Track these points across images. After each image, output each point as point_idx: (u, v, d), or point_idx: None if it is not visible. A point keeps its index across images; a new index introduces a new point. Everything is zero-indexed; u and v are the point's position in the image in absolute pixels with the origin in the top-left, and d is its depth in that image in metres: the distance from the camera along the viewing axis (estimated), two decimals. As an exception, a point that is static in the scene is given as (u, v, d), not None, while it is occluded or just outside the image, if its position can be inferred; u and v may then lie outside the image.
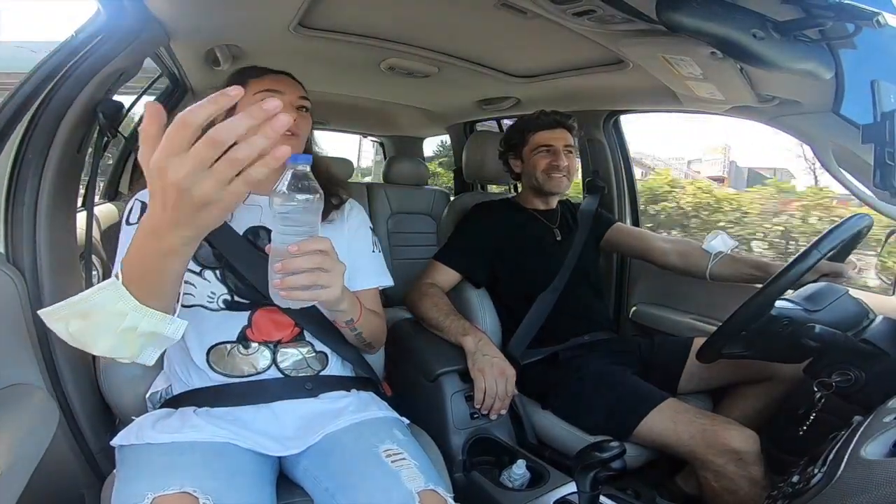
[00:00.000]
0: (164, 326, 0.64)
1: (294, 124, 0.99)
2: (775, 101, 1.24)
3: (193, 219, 0.54)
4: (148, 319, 0.63)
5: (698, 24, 0.81)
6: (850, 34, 0.86)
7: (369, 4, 1.28)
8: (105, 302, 0.61)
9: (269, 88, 0.99)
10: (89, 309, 0.61)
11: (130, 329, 0.62)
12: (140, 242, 0.59)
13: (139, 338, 0.64)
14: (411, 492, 0.78)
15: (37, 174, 1.03)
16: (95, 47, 1.06)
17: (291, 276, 0.70)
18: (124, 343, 0.64)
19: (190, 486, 0.72)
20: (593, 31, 1.14)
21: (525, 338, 1.46)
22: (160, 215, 0.54)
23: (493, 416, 1.27)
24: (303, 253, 0.69)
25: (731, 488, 1.12)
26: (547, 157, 1.58)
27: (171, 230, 0.55)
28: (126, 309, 0.61)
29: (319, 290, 0.73)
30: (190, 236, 0.57)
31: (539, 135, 1.59)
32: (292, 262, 0.70)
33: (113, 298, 0.61)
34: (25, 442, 0.86)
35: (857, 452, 0.68)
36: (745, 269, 1.46)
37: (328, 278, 0.73)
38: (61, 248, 1.08)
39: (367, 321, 0.99)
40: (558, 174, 1.57)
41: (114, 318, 0.61)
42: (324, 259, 0.72)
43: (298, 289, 0.71)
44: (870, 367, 0.97)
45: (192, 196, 0.51)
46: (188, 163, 0.49)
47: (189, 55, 1.60)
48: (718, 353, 1.12)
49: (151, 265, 0.60)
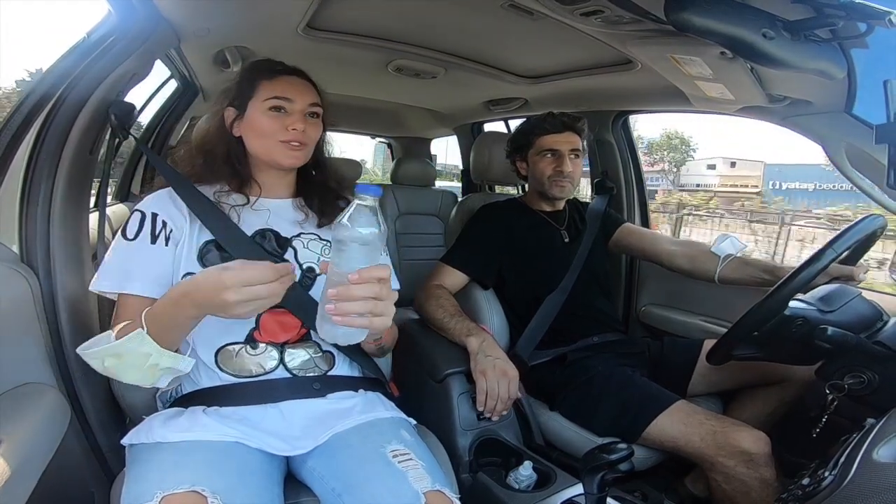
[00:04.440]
0: (178, 363, 0.84)
1: (303, 134, 0.99)
2: (786, 102, 1.23)
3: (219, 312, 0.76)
4: (167, 358, 0.81)
5: (707, 24, 0.81)
6: (862, 34, 0.85)
7: (377, 6, 1.28)
8: (134, 347, 0.79)
9: (278, 95, 0.98)
10: (121, 352, 0.80)
11: (154, 366, 0.81)
12: (168, 309, 0.80)
13: (159, 371, 0.83)
14: (418, 492, 0.78)
15: (50, 175, 1.04)
16: (107, 49, 1.07)
17: (347, 303, 0.71)
18: (148, 376, 0.83)
19: (199, 485, 0.72)
20: (601, 32, 1.14)
21: (533, 339, 1.45)
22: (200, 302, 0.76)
23: (495, 417, 1.25)
24: (362, 281, 0.70)
25: (742, 490, 1.11)
26: (552, 162, 1.56)
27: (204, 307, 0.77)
28: (150, 351, 0.80)
29: (373, 318, 0.73)
30: (214, 313, 0.77)
31: (544, 138, 1.57)
32: (350, 290, 0.70)
33: (140, 344, 0.79)
34: (37, 440, 0.87)
35: (869, 455, 0.67)
36: (754, 272, 1.44)
37: (383, 307, 0.73)
38: (74, 249, 1.10)
39: (390, 333, 1.00)
40: (562, 180, 1.56)
41: (141, 358, 0.80)
42: (381, 288, 0.72)
43: (353, 315, 0.71)
44: (883, 369, 0.95)
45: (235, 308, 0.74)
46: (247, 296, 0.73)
47: (199, 57, 1.62)
48: (729, 354, 1.11)
49: (172, 326, 0.81)
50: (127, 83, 1.18)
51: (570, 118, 1.59)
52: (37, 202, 1.03)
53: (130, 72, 1.16)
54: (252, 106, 1.00)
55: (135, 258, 0.92)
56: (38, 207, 1.03)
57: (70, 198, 1.08)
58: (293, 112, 0.99)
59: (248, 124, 1.00)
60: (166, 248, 0.94)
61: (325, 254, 1.03)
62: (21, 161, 1.02)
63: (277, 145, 0.99)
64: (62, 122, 1.05)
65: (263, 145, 1.00)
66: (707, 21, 0.80)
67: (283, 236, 1.01)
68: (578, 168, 1.60)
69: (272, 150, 0.99)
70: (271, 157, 1.00)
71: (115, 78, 1.11)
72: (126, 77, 1.15)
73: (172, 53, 1.60)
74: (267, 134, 0.98)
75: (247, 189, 1.03)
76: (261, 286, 0.73)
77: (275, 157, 1.00)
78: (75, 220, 1.12)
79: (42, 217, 1.04)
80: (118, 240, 0.94)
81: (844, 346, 0.96)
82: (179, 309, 0.78)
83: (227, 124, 1.02)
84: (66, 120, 1.06)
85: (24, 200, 1.03)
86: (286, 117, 0.99)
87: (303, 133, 0.99)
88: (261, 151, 1.01)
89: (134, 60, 1.14)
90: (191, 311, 0.78)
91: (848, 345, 0.96)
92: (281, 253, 0.99)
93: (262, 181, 1.04)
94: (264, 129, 0.98)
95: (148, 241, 0.93)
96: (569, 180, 1.57)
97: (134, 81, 1.21)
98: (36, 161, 1.03)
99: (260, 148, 1.01)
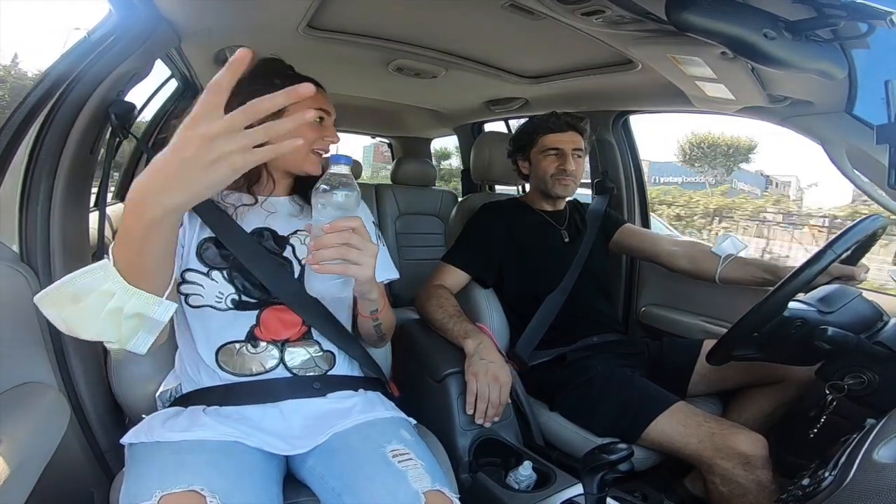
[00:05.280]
0: (150, 308, 0.66)
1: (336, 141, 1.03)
2: (787, 102, 1.23)
3: (192, 179, 0.56)
4: (135, 300, 0.64)
5: (708, 24, 0.81)
6: (862, 34, 0.85)
7: (377, 5, 1.28)
8: (95, 283, 0.63)
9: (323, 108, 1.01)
10: (79, 291, 0.63)
11: (117, 310, 0.63)
12: (126, 218, 0.60)
13: (126, 320, 0.65)
14: (417, 492, 0.78)
15: (50, 174, 1.04)
16: (107, 48, 1.07)
17: (322, 251, 0.76)
18: (111, 325, 0.65)
19: (198, 484, 0.72)
20: (602, 32, 1.14)
21: (533, 339, 1.45)
22: (154, 175, 0.57)
23: (487, 423, 1.24)
24: (334, 230, 0.76)
25: (739, 492, 1.11)
26: (555, 160, 1.57)
27: (158, 194, 0.58)
28: (114, 289, 0.63)
29: (350, 266, 0.77)
30: (176, 203, 0.58)
31: (548, 137, 1.58)
32: (322, 238, 0.76)
33: (102, 279, 0.63)
34: (36, 440, 0.87)
35: (869, 456, 0.67)
36: (755, 272, 1.45)
37: (358, 255, 0.77)
38: (74, 248, 1.10)
39: (387, 313, 1.02)
40: (565, 179, 1.57)
41: (102, 298, 0.63)
42: (353, 235, 0.77)
43: (329, 261, 0.76)
44: (883, 370, 0.95)
45: (211, 150, 0.55)
46: (224, 122, 0.55)
47: (199, 56, 1.62)
48: (729, 355, 1.11)
49: (136, 240, 0.61)
50: (127, 83, 1.18)
51: (574, 118, 1.60)
52: (37, 201, 1.03)
53: (131, 71, 1.16)
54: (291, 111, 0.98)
55: None
56: (38, 207, 1.03)
57: (70, 197, 1.08)
58: (328, 123, 1.03)
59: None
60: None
61: None
62: (21, 160, 1.02)
63: (309, 154, 1.00)
64: (63, 122, 1.05)
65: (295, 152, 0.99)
66: (708, 21, 0.80)
67: (280, 235, 1.01)
68: (581, 167, 1.61)
69: (304, 159, 1.00)
70: (301, 165, 1.00)
71: (116, 77, 1.11)
72: (126, 77, 1.15)
73: (173, 53, 1.60)
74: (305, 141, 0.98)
75: (256, 187, 1.02)
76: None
77: (304, 166, 1.00)
78: (75, 220, 1.12)
79: (42, 216, 1.04)
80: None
81: (845, 347, 0.96)
82: (131, 210, 0.60)
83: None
84: (67, 119, 1.06)
85: (25, 199, 1.03)
86: (323, 128, 1.01)
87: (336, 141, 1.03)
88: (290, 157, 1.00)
89: (134, 60, 1.14)
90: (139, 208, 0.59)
91: (848, 345, 0.95)
92: (280, 251, 1.00)
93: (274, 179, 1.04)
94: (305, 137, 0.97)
95: None
96: (572, 178, 1.58)
97: (134, 81, 1.21)
98: (36, 160, 1.03)
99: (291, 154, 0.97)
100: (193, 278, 0.93)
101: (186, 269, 0.93)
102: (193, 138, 0.55)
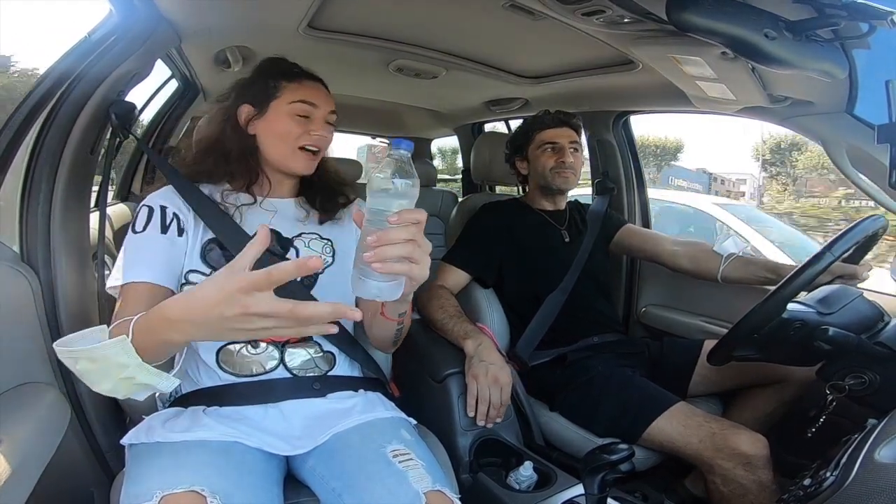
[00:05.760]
0: (158, 382, 0.71)
1: (323, 139, 1.02)
2: (787, 102, 1.22)
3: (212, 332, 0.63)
4: (145, 374, 0.69)
5: (709, 24, 0.80)
6: (863, 34, 0.84)
7: (378, 5, 1.28)
8: (113, 354, 0.67)
9: (305, 100, 1.00)
10: (98, 357, 0.68)
11: (129, 379, 0.69)
12: (153, 323, 0.67)
13: (135, 385, 0.71)
14: (418, 492, 0.78)
15: (51, 175, 1.04)
16: (108, 49, 1.07)
17: (388, 247, 0.65)
18: (122, 388, 0.71)
19: (198, 484, 0.72)
20: (602, 32, 1.13)
21: (533, 339, 1.45)
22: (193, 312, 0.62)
23: (489, 424, 1.24)
24: (402, 222, 0.65)
25: (739, 493, 1.11)
26: (553, 154, 1.59)
27: (188, 330, 0.64)
28: (129, 363, 0.68)
29: (412, 265, 0.68)
30: (194, 339, 0.67)
31: (545, 132, 1.60)
32: (389, 232, 0.65)
33: (120, 353, 0.67)
34: (37, 439, 0.87)
35: (870, 456, 0.67)
36: (757, 271, 1.44)
37: (420, 253, 0.68)
38: (75, 248, 1.10)
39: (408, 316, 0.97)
40: (565, 171, 1.58)
41: (117, 367, 0.68)
42: (418, 231, 0.67)
43: (393, 259, 0.65)
44: (884, 370, 0.95)
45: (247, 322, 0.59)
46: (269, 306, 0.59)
47: (200, 57, 1.62)
48: (729, 355, 1.11)
49: (154, 343, 0.68)
50: (128, 83, 1.18)
51: (566, 115, 1.63)
52: (37, 201, 1.03)
53: (131, 71, 1.16)
54: (276, 107, 1.00)
55: (143, 248, 0.91)
56: (38, 206, 1.03)
57: (71, 197, 1.08)
58: (316, 118, 1.01)
59: (267, 124, 1.01)
60: (179, 239, 0.94)
61: (326, 252, 1.03)
62: (22, 160, 1.02)
63: (295, 152, 0.99)
64: (63, 122, 1.05)
65: (281, 149, 1.00)
66: (708, 21, 0.80)
67: (284, 237, 1.01)
68: (579, 161, 1.63)
69: (290, 156, 1.00)
70: (286, 163, 1.01)
71: (116, 77, 1.11)
72: (127, 77, 1.15)
73: (173, 53, 1.60)
74: (288, 138, 0.99)
75: (255, 187, 1.03)
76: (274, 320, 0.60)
77: (290, 164, 1.01)
78: (76, 220, 1.12)
79: (43, 216, 1.04)
80: (127, 237, 0.93)
81: (845, 347, 0.96)
82: (159, 323, 0.66)
83: (243, 121, 1.02)
84: (67, 119, 1.06)
85: (25, 199, 1.03)
86: (309, 123, 1.00)
87: (323, 139, 1.01)
88: (276, 154, 1.01)
89: (135, 60, 1.14)
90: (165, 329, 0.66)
91: (849, 346, 0.95)
92: (283, 253, 0.99)
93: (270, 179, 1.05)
94: (287, 131, 0.99)
95: (157, 230, 0.93)
96: (571, 171, 1.59)
97: (135, 81, 1.21)
98: (37, 160, 1.03)
99: (276, 150, 1.01)
100: (197, 280, 0.93)
101: (190, 270, 0.93)
102: (237, 304, 0.58)
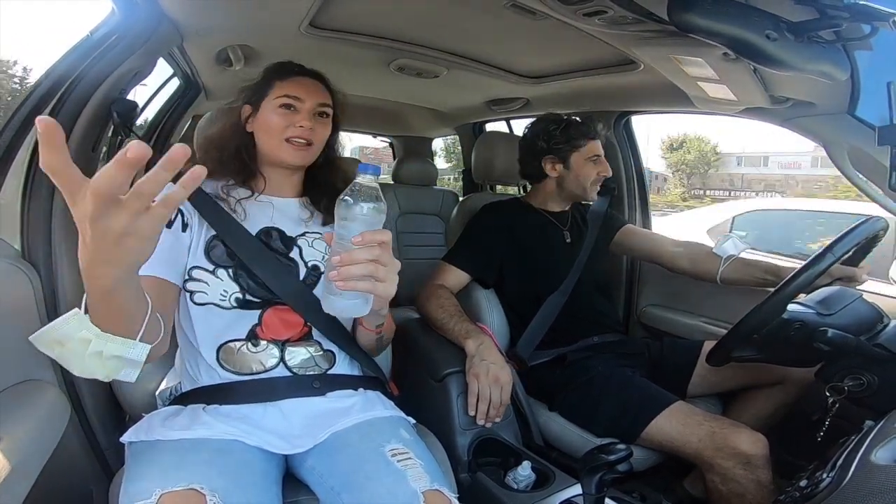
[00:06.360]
0: (125, 351, 0.66)
1: (309, 132, 1.01)
2: (789, 103, 1.23)
3: (114, 253, 0.54)
4: (111, 345, 0.65)
5: (711, 25, 0.80)
6: (865, 35, 0.85)
7: (379, 5, 1.28)
8: (72, 331, 0.63)
9: (289, 94, 1.01)
10: (61, 337, 0.64)
11: (97, 354, 0.65)
12: (85, 279, 0.60)
13: (107, 360, 0.66)
14: (416, 491, 0.78)
15: (52, 173, 1.04)
16: (110, 47, 1.08)
17: (351, 267, 0.69)
18: (96, 365, 0.66)
19: (197, 483, 0.72)
20: (604, 32, 1.14)
21: (533, 339, 1.45)
22: (83, 249, 0.55)
23: (488, 424, 1.25)
24: (364, 243, 0.69)
25: (739, 492, 1.11)
26: (595, 167, 1.58)
27: (99, 266, 0.57)
28: (90, 336, 0.63)
29: (378, 283, 0.72)
30: (118, 274, 0.58)
31: (593, 143, 1.59)
32: (352, 253, 0.69)
33: (77, 328, 0.63)
34: (36, 437, 0.87)
35: (867, 457, 0.67)
36: (756, 272, 1.44)
37: (385, 272, 0.72)
38: (76, 246, 1.08)
39: (389, 324, 1.01)
40: (599, 185, 1.60)
41: (81, 344, 0.64)
42: (382, 252, 0.71)
43: (356, 278, 0.70)
44: (883, 372, 0.95)
45: (105, 228, 0.52)
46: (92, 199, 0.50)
47: (202, 55, 1.62)
48: (729, 356, 1.11)
49: (99, 300, 0.62)
50: (129, 81, 1.18)
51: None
52: (39, 199, 1.03)
53: (133, 70, 1.16)
54: (265, 104, 1.03)
55: None
56: (39, 204, 1.03)
57: (72, 195, 1.08)
58: (301, 110, 1.01)
59: (259, 121, 1.03)
60: (183, 234, 0.94)
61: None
62: (23, 158, 1.03)
63: (282, 144, 1.01)
64: (65, 120, 1.05)
65: (270, 142, 1.02)
66: (710, 22, 0.80)
67: (288, 235, 1.02)
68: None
69: (278, 148, 1.01)
70: (277, 155, 1.02)
71: (118, 76, 1.11)
72: (129, 75, 1.15)
73: (175, 52, 1.60)
74: (274, 131, 1.01)
75: (252, 183, 1.04)
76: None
77: (280, 155, 1.02)
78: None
79: (44, 214, 1.04)
80: None
81: (844, 349, 0.96)
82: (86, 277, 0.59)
83: (243, 120, 1.05)
84: (69, 117, 1.06)
85: (26, 197, 1.04)
86: (294, 115, 1.01)
87: (310, 131, 1.01)
88: (267, 148, 1.03)
89: (136, 59, 1.14)
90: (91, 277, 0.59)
91: (848, 347, 0.96)
92: (286, 251, 1.00)
93: (268, 177, 1.06)
94: (273, 125, 1.01)
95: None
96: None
97: (136, 80, 1.22)
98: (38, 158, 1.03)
99: (267, 144, 1.03)
100: (200, 276, 0.93)
101: (194, 266, 0.94)
102: (82, 222, 0.52)
